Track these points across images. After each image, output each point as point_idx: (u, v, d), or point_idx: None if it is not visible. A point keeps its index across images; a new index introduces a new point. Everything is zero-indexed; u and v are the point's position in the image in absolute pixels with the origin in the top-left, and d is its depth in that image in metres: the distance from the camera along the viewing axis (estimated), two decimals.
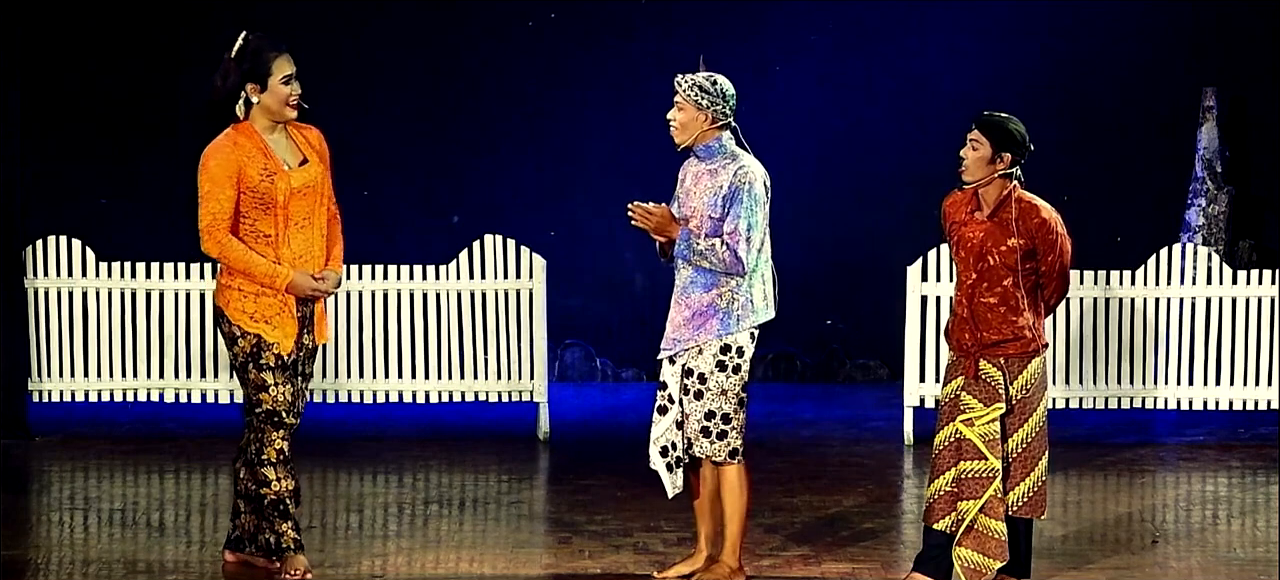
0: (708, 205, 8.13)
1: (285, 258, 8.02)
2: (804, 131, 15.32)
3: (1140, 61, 15.44)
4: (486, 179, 15.57)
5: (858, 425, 13.50)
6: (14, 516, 9.96)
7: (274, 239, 8.02)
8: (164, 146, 15.21)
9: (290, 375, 8.08)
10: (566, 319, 14.96)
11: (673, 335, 8.24)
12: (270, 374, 8.02)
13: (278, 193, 8.00)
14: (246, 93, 8.02)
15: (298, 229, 8.06)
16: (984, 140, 7.98)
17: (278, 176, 8.00)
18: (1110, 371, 12.66)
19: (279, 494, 8.10)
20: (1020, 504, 8.05)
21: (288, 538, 8.17)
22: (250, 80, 8.02)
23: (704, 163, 8.20)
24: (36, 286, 12.59)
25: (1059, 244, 8.00)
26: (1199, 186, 14.79)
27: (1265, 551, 9.28)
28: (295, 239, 8.05)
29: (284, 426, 8.06)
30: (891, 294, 13.08)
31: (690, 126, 8.13)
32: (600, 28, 15.60)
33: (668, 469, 8.28)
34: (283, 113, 8.06)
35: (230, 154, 7.99)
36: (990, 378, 7.99)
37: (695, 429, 8.21)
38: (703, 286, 8.18)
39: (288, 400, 8.06)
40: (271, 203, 8.00)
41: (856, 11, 15.54)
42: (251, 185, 7.98)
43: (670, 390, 8.25)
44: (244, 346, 8.03)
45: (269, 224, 8.01)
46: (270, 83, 8.02)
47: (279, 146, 8.07)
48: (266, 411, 8.05)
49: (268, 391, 8.03)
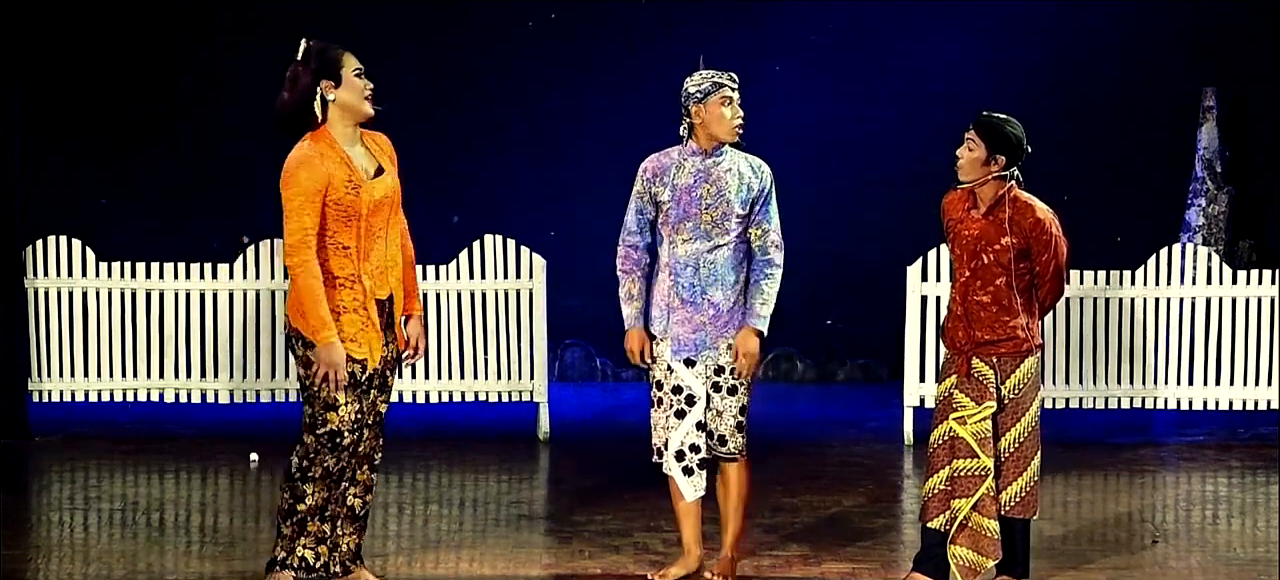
0: (739, 202, 8.14)
1: (365, 272, 7.75)
2: (804, 131, 15.33)
3: (1140, 61, 15.44)
4: (486, 179, 15.58)
5: (858, 425, 13.51)
6: (14, 516, 9.96)
7: (354, 251, 7.74)
8: (164, 147, 15.23)
9: (362, 392, 7.82)
10: (566, 319, 14.96)
11: (692, 337, 8.17)
12: (343, 394, 7.75)
13: (361, 205, 7.74)
14: (321, 91, 7.76)
15: (376, 240, 7.80)
16: (979, 142, 7.99)
17: (362, 188, 7.74)
18: (1110, 371, 12.66)
19: (308, 510, 7.83)
20: (1012, 504, 8.06)
21: (294, 557, 7.87)
22: (324, 78, 7.77)
23: (712, 159, 8.19)
24: (36, 286, 12.59)
25: (1054, 244, 8.00)
26: (1199, 186, 14.79)
27: (1265, 551, 9.28)
28: (374, 251, 7.80)
29: (341, 449, 7.79)
30: (891, 294, 13.09)
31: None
32: (600, 28, 15.61)
33: (687, 473, 8.23)
34: (361, 108, 7.83)
35: (318, 165, 7.68)
36: (982, 376, 8.00)
37: (730, 426, 8.20)
38: (725, 285, 8.17)
39: (352, 418, 7.78)
40: (355, 215, 7.73)
41: (856, 11, 15.55)
42: (337, 198, 7.68)
43: (691, 392, 8.19)
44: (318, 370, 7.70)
45: (349, 236, 7.73)
46: (344, 76, 7.80)
47: (358, 156, 7.82)
48: (330, 431, 7.76)
49: (336, 412, 7.76)
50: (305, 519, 7.86)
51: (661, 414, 8.26)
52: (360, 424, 7.84)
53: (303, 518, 7.85)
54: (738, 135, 8.19)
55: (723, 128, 8.15)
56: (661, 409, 8.26)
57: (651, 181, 8.22)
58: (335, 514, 7.93)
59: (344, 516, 7.96)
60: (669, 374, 8.22)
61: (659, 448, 8.30)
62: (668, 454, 8.24)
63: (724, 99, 8.13)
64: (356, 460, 7.93)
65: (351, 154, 7.80)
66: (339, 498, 7.92)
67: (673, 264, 8.20)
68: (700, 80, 8.17)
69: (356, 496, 7.98)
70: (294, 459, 7.84)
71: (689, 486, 8.24)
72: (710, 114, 8.15)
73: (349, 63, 7.86)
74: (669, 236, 8.20)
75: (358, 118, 7.87)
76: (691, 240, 8.16)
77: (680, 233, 8.18)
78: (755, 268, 8.25)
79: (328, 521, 7.91)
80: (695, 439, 8.20)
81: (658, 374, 8.27)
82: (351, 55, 7.88)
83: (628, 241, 8.30)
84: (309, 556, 7.90)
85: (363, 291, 7.76)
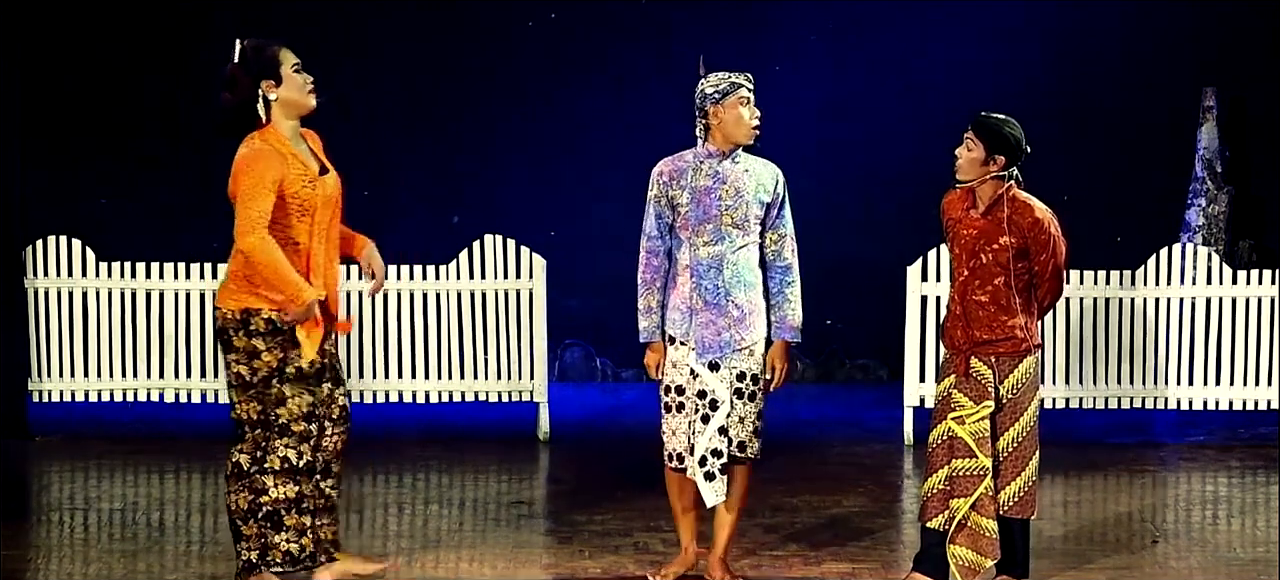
0: (758, 204, 8.14)
1: (313, 268, 7.75)
2: (804, 132, 15.31)
3: (1140, 61, 15.44)
4: (486, 179, 15.57)
5: (858, 425, 13.51)
6: (14, 516, 9.96)
7: (303, 249, 7.75)
8: (164, 147, 15.22)
9: (311, 385, 7.79)
10: (566, 319, 14.95)
11: (717, 340, 8.12)
12: (290, 385, 7.74)
13: (317, 200, 7.74)
14: (263, 92, 7.74)
15: (321, 239, 7.81)
16: (978, 142, 8.00)
17: (317, 184, 7.76)
18: (1110, 371, 12.66)
19: (275, 502, 7.79)
20: (1011, 504, 8.06)
21: (277, 552, 7.82)
22: (264, 78, 7.75)
23: (731, 161, 8.17)
24: (36, 286, 12.59)
25: (1052, 244, 8.00)
26: (1199, 186, 14.78)
27: (1265, 551, 9.29)
28: (319, 250, 7.80)
29: (299, 439, 7.77)
30: (891, 294, 13.08)
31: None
32: (600, 28, 15.60)
33: (708, 478, 8.17)
34: (305, 102, 7.79)
35: (273, 158, 7.66)
36: (980, 376, 8.01)
37: (749, 431, 8.19)
38: (748, 287, 8.15)
39: (303, 410, 7.78)
40: (310, 210, 7.72)
41: (857, 12, 15.55)
42: (294, 191, 7.68)
43: (714, 396, 8.14)
44: (269, 360, 7.72)
45: (303, 232, 7.73)
46: (284, 73, 7.77)
47: (304, 154, 7.81)
48: (283, 424, 7.76)
49: (286, 405, 7.76)
50: (278, 513, 7.78)
51: (683, 419, 8.18)
52: (313, 416, 7.80)
53: (273, 512, 7.78)
54: (755, 137, 8.17)
55: (741, 129, 8.12)
56: (684, 415, 8.17)
57: (668, 185, 8.17)
58: (314, 507, 7.88)
59: (321, 508, 7.92)
60: (692, 379, 8.15)
61: (680, 453, 8.20)
62: (691, 460, 8.18)
63: (742, 99, 8.11)
64: (325, 453, 7.88)
65: (299, 151, 7.78)
66: (315, 490, 7.87)
67: (694, 266, 8.14)
68: (717, 81, 8.13)
69: (332, 488, 7.96)
70: (239, 458, 7.77)
71: (710, 492, 8.17)
72: (728, 115, 8.11)
73: (287, 59, 7.81)
74: (688, 239, 8.14)
75: (301, 112, 7.83)
76: (713, 243, 8.12)
77: (701, 235, 8.12)
78: (774, 276, 8.23)
79: (306, 514, 7.85)
80: (718, 444, 8.16)
81: (679, 379, 8.18)
82: (289, 50, 7.83)
83: (650, 248, 8.22)
84: (293, 549, 7.83)
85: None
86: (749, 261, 8.17)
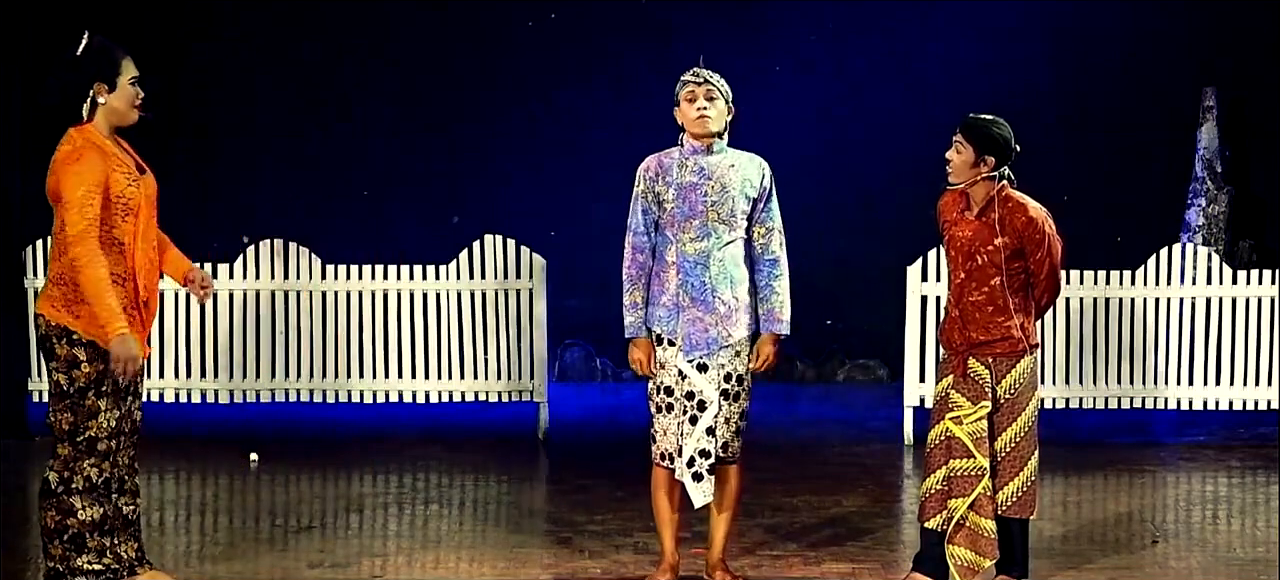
0: (744, 198, 8.13)
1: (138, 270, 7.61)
2: (804, 131, 15.33)
3: (1140, 61, 15.45)
4: (486, 179, 15.58)
5: (857, 425, 13.51)
6: (14, 516, 9.96)
7: (128, 249, 7.60)
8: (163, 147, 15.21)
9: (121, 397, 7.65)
10: (566, 319, 14.97)
11: (704, 337, 8.09)
12: (106, 400, 7.59)
13: (141, 198, 7.63)
14: (93, 93, 7.64)
15: (143, 239, 7.67)
16: (967, 145, 8.00)
17: (139, 181, 7.65)
18: (1110, 371, 12.67)
19: (82, 525, 7.57)
20: (1009, 503, 8.06)
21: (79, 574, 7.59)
22: (99, 80, 7.66)
23: (715, 156, 8.17)
24: (36, 286, 12.59)
25: (1047, 243, 8.00)
26: (1199, 186, 14.79)
27: (1265, 551, 9.28)
28: (141, 250, 7.66)
29: (102, 456, 7.59)
30: (891, 294, 13.09)
31: (718, 119, 8.16)
32: (600, 28, 15.62)
33: (696, 479, 8.14)
34: (128, 116, 7.71)
35: (98, 158, 7.55)
36: (978, 376, 8.01)
37: (732, 432, 8.17)
38: (735, 283, 8.14)
39: (112, 426, 7.60)
40: (135, 210, 7.60)
41: (856, 12, 15.55)
42: (119, 191, 7.57)
43: (702, 397, 8.12)
44: (89, 372, 7.55)
45: (127, 231, 7.59)
46: (119, 83, 7.69)
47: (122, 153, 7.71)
48: (89, 439, 7.57)
49: (98, 419, 7.58)
50: (82, 535, 7.60)
51: (672, 420, 8.16)
52: (119, 431, 7.66)
53: (78, 534, 7.59)
54: (705, 127, 8.13)
55: (690, 123, 8.16)
56: (672, 415, 8.15)
57: (654, 180, 8.18)
58: (113, 527, 7.70)
59: (119, 526, 7.73)
60: (680, 380, 8.13)
61: (670, 454, 8.19)
62: (680, 461, 8.17)
63: (688, 95, 8.14)
64: (120, 469, 7.71)
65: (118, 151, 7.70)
66: (115, 510, 7.70)
67: (680, 262, 8.13)
68: (678, 85, 8.20)
69: (128, 504, 7.78)
70: (52, 475, 7.60)
71: (698, 493, 8.15)
72: (682, 113, 8.18)
73: (128, 69, 7.73)
74: (674, 235, 8.13)
75: (123, 123, 7.74)
76: (699, 239, 8.11)
77: (686, 231, 8.12)
78: (762, 269, 8.20)
79: (107, 534, 7.66)
80: (706, 444, 8.13)
81: (666, 380, 8.16)
82: (131, 61, 7.75)
83: (635, 244, 8.22)
84: (96, 568, 7.64)
85: (135, 290, 7.61)
86: (736, 257, 8.15)
